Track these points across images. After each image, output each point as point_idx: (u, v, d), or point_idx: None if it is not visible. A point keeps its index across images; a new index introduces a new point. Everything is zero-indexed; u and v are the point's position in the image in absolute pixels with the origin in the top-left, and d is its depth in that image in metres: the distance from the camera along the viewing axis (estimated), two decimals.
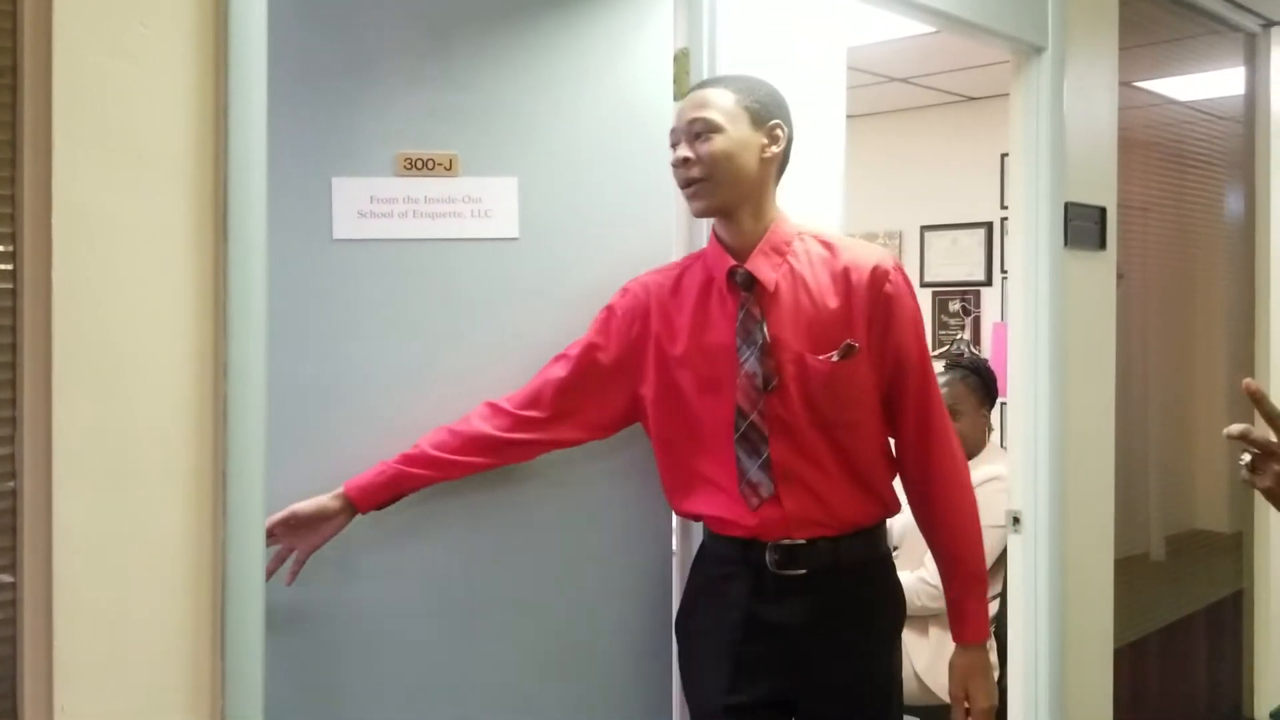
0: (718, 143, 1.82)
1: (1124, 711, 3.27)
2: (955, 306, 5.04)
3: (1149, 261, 3.53)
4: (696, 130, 1.83)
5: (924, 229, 5.09)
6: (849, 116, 2.40)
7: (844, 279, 1.87)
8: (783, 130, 1.89)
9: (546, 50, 1.99)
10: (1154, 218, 3.53)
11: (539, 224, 1.97)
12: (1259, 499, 3.98)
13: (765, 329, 1.85)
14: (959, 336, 4.92)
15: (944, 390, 3.30)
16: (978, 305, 5.00)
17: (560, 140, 2.00)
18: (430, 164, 1.91)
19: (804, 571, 1.88)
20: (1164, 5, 3.51)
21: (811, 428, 1.86)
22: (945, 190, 5.01)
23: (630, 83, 2.04)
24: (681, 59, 2.11)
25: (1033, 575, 2.88)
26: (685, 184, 1.85)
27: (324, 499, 1.82)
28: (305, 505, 1.81)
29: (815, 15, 2.30)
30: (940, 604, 3.07)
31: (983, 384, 3.33)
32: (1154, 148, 3.53)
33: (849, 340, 1.85)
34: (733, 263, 1.88)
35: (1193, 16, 3.67)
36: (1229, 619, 3.96)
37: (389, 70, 1.91)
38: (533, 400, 1.90)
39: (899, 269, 1.92)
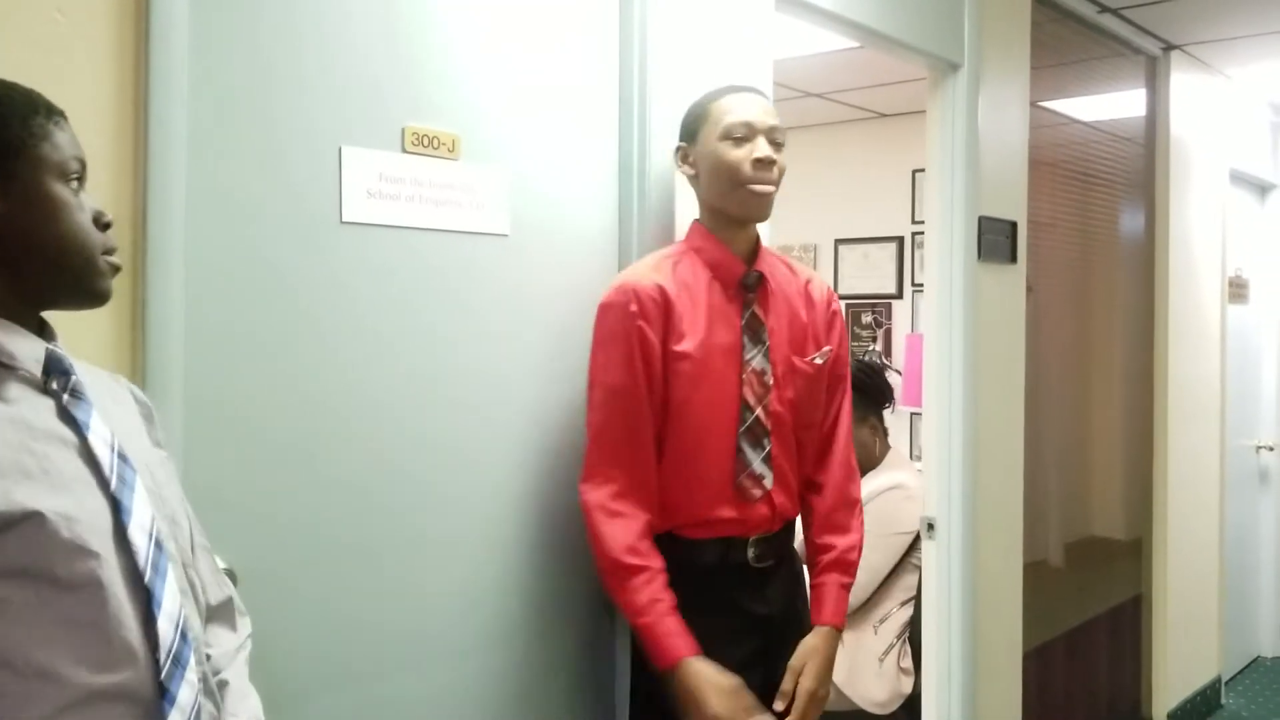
0: (783, 158, 1.94)
1: (1030, 713, 3.35)
2: (867, 319, 5.13)
3: (1054, 276, 3.64)
4: (774, 139, 1.94)
5: (838, 242, 5.17)
6: None
7: (807, 292, 2.05)
8: None
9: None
10: (1059, 234, 3.64)
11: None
12: (1158, 506, 4.15)
13: (767, 329, 1.96)
14: (871, 348, 5.00)
15: None
16: (889, 317, 5.09)
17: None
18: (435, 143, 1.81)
19: (772, 562, 2.00)
20: (1071, 27, 3.63)
21: (793, 427, 2.00)
22: (858, 204, 5.10)
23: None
24: None
25: (946, 581, 2.94)
26: (760, 183, 1.91)
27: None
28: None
29: (746, 26, 2.31)
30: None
31: (863, 395, 3.36)
32: (1060, 166, 3.64)
33: (828, 346, 2.03)
34: (744, 265, 1.97)
35: (1098, 39, 3.80)
36: (1129, 622, 4.09)
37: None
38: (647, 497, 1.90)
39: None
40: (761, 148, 1.90)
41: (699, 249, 1.97)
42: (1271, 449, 5.25)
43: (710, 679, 1.81)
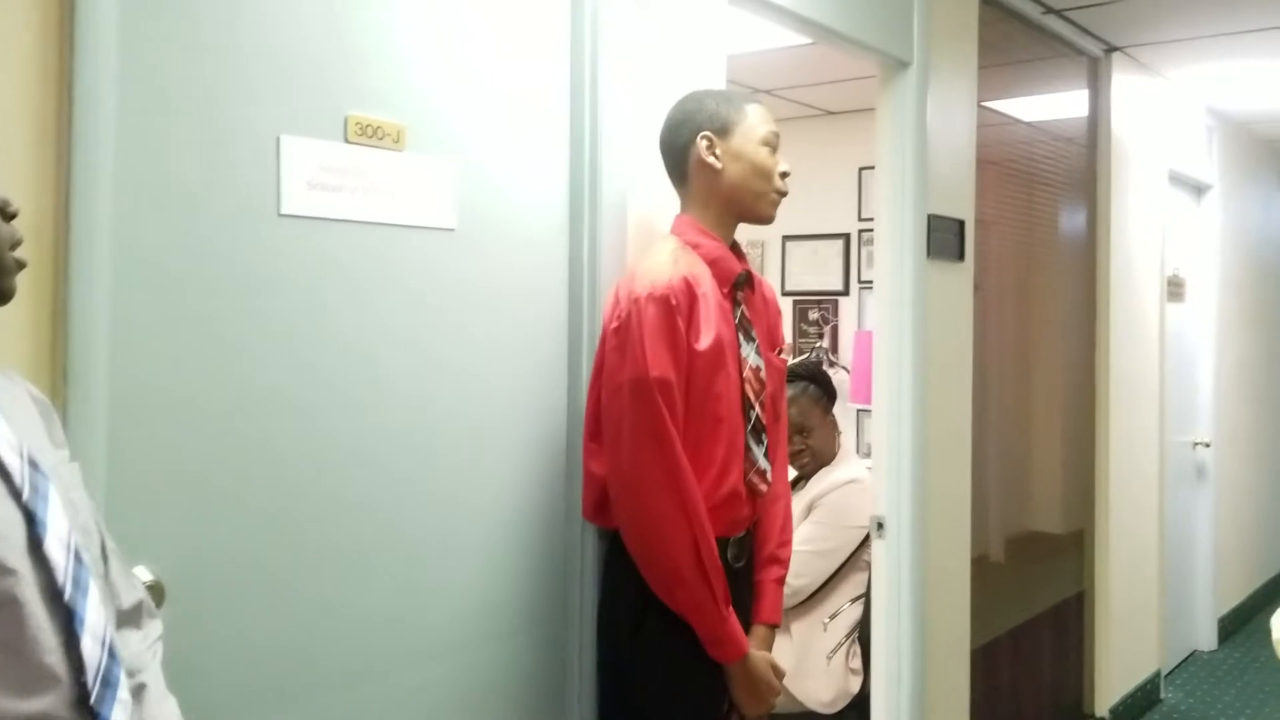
0: None
1: (977, 712, 3.36)
2: (814, 315, 5.13)
3: (999, 275, 3.65)
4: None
5: (785, 239, 5.16)
6: None
7: (760, 288, 2.08)
8: None
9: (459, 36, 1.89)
10: (1004, 233, 3.66)
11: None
12: (1099, 503, 4.19)
13: (754, 327, 2.01)
14: (818, 344, 5.00)
15: (793, 410, 3.33)
16: (835, 314, 5.09)
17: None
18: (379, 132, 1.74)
19: (744, 563, 2.01)
20: (1017, 27, 3.64)
21: (773, 422, 2.05)
22: (805, 201, 5.06)
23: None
24: None
25: (896, 579, 2.93)
26: (781, 195, 1.99)
27: None
28: None
29: (700, 20, 2.27)
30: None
31: (825, 390, 3.40)
32: (1005, 165, 3.66)
33: (786, 342, 2.10)
34: (744, 266, 2.01)
35: (1042, 39, 3.82)
36: (1072, 618, 4.12)
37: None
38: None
39: None
40: (784, 162, 1.99)
41: (696, 244, 1.96)
42: (1208, 445, 5.34)
43: (767, 667, 1.98)
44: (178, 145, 1.50)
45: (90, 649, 0.98)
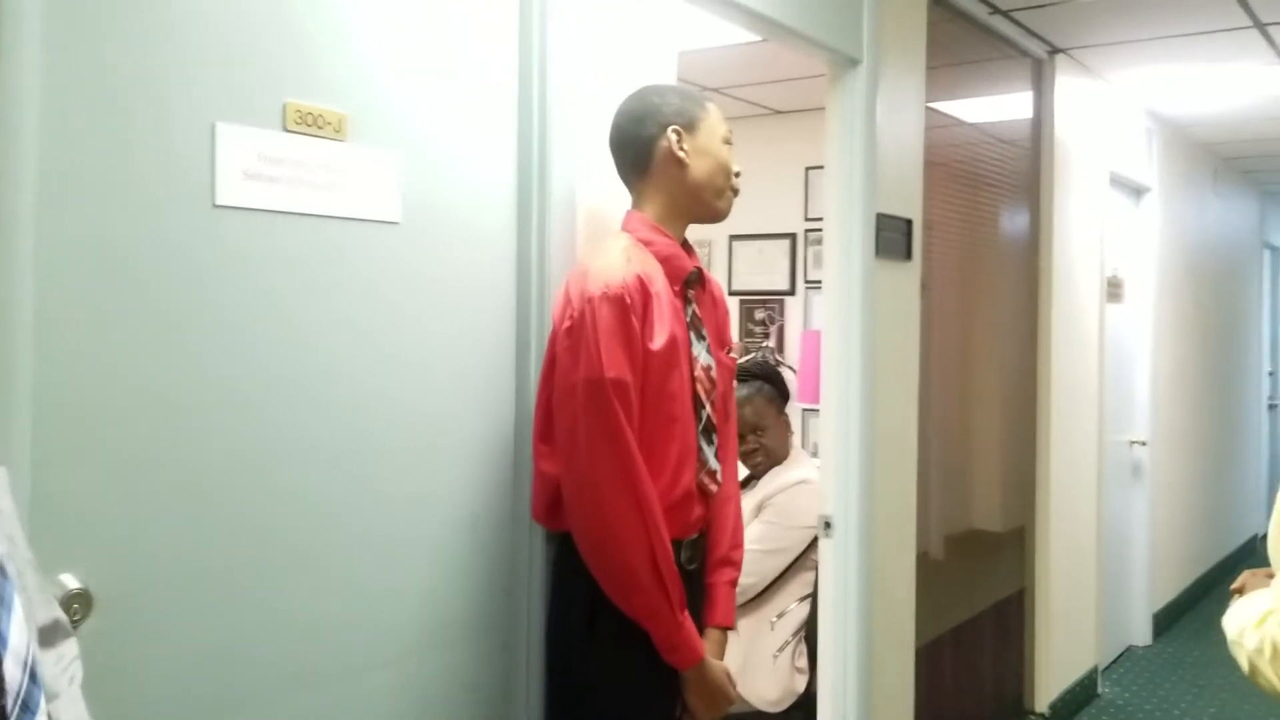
0: None
1: (922, 710, 3.37)
2: (761, 315, 5.12)
3: (944, 275, 3.67)
4: None
5: (732, 238, 5.15)
6: None
7: (710, 286, 2.06)
8: None
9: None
10: (949, 233, 3.67)
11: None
12: (1040, 501, 4.24)
13: (704, 326, 1.98)
14: (765, 344, 5.00)
15: (748, 409, 3.32)
16: (782, 314, 5.09)
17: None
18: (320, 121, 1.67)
19: (696, 565, 2.00)
20: (963, 27, 3.66)
21: (723, 421, 2.03)
22: (752, 201, 5.02)
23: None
24: None
25: (843, 578, 2.92)
26: (735, 193, 2.01)
27: None
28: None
29: (650, 14, 2.24)
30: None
31: (779, 390, 3.40)
32: (951, 166, 3.67)
33: (734, 340, 2.06)
34: (695, 263, 1.99)
35: (989, 40, 3.84)
36: (1013, 615, 4.16)
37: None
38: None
39: None
40: (735, 162, 1.99)
41: (649, 241, 1.93)
42: (1144, 444, 5.43)
43: (722, 674, 1.96)
44: (105, 132, 1.43)
45: (11, 670, 0.91)
